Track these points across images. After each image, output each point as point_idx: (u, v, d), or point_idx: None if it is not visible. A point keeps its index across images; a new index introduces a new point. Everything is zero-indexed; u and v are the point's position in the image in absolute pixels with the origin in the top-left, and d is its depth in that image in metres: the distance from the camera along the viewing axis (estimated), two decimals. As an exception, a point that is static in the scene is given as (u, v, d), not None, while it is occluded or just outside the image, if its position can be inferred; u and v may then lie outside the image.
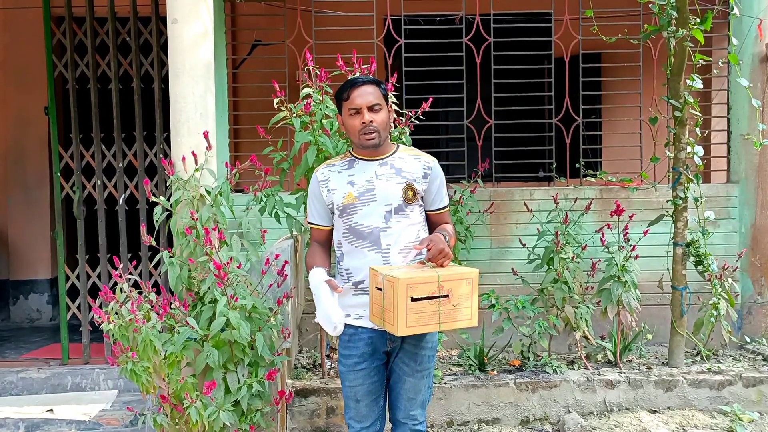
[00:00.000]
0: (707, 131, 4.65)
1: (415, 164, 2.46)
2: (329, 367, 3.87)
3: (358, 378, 2.44)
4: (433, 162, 2.50)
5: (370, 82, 2.42)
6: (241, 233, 3.05)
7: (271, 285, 2.90)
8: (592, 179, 4.61)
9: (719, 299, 3.90)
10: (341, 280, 2.45)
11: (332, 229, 2.51)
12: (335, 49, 3.88)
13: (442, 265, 2.24)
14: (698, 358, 4.14)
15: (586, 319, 3.88)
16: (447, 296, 2.19)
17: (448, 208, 2.56)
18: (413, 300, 2.13)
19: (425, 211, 2.51)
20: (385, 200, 2.39)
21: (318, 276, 2.37)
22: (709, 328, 3.96)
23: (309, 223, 2.57)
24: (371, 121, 2.37)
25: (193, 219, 2.82)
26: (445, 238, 2.31)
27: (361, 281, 2.39)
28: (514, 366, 3.99)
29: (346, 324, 2.44)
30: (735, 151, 4.63)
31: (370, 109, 2.38)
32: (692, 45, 3.78)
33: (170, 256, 2.86)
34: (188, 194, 2.92)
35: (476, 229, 4.43)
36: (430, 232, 2.50)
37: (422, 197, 2.46)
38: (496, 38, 4.65)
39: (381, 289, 2.20)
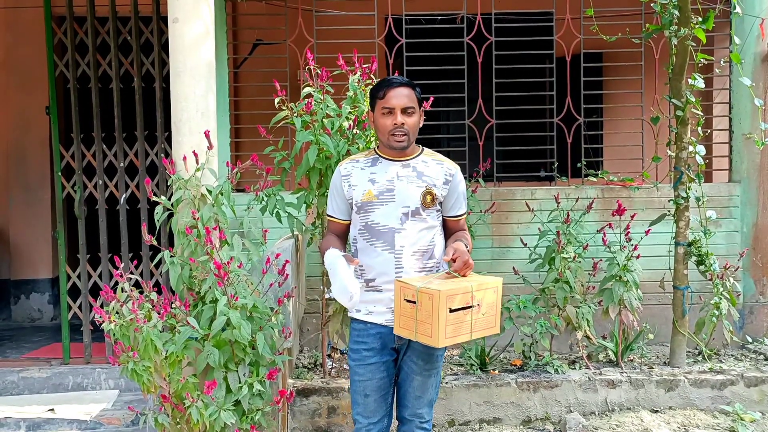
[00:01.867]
0: (709, 131, 4.64)
1: (438, 169, 2.47)
2: (330, 366, 3.86)
3: (368, 372, 2.45)
4: (455, 170, 2.51)
5: (407, 85, 2.42)
6: (242, 233, 3.05)
7: (272, 284, 2.90)
8: (594, 179, 4.60)
9: (721, 299, 3.90)
10: (354, 276, 2.45)
11: (349, 223, 2.53)
12: (336, 48, 3.88)
13: (465, 276, 2.27)
14: (700, 358, 4.14)
15: (587, 319, 3.87)
16: (479, 305, 2.23)
17: (465, 216, 2.57)
18: (451, 311, 2.15)
19: (443, 216, 2.52)
20: (403, 202, 2.40)
21: (334, 252, 2.36)
22: (711, 327, 3.95)
23: (328, 215, 2.59)
24: (403, 124, 2.38)
25: (194, 218, 2.82)
26: (466, 247, 2.34)
27: (372, 279, 2.42)
28: (515, 366, 3.99)
29: (355, 319, 2.49)
30: (737, 151, 4.63)
31: (404, 111, 2.39)
32: (694, 44, 3.77)
33: (171, 256, 2.85)
34: (189, 194, 2.91)
35: (478, 229, 4.44)
36: (446, 237, 2.52)
37: (440, 203, 2.47)
38: (498, 37, 4.64)
39: (412, 302, 2.21)
